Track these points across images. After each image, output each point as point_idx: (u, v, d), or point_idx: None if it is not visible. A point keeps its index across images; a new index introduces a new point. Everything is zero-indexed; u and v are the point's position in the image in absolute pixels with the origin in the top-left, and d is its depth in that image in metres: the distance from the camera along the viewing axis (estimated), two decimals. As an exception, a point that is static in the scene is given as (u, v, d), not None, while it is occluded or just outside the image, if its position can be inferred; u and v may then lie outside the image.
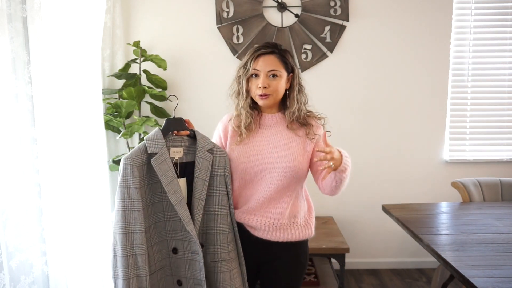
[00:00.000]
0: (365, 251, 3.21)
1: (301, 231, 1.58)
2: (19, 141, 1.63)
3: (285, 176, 1.52)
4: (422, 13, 3.00)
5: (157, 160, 1.39)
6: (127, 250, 1.35)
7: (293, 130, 1.57)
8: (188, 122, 1.57)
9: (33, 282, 1.69)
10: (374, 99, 3.08)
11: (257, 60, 1.54)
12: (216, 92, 2.93)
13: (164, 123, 1.47)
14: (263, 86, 1.52)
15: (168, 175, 1.40)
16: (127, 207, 1.36)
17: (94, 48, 2.14)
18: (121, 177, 1.37)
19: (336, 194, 1.58)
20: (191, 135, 1.52)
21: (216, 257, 1.49)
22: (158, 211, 1.47)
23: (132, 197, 1.36)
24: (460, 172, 3.09)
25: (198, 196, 1.45)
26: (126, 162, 1.37)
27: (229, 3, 2.96)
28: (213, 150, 1.51)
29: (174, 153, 1.47)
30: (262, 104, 1.57)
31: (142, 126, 2.66)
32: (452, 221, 2.15)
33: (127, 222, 1.35)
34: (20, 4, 1.60)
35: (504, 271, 1.51)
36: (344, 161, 1.44)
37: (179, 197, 1.40)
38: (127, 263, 1.35)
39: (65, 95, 1.87)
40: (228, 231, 1.50)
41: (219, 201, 1.50)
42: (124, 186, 1.36)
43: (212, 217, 1.50)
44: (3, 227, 1.53)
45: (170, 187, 1.39)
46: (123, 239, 1.35)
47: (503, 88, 3.09)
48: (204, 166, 1.47)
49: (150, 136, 1.43)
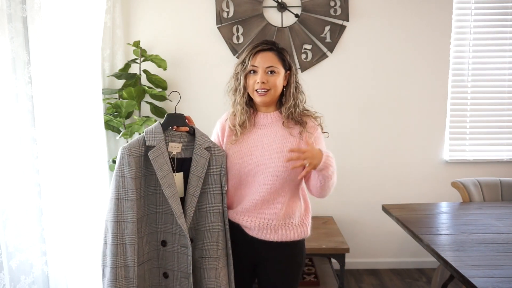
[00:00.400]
0: (365, 251, 3.21)
1: (296, 231, 1.58)
2: (19, 141, 1.63)
3: (278, 177, 1.52)
4: (422, 13, 3.00)
5: (155, 153, 1.41)
6: (117, 238, 1.37)
7: (288, 129, 1.57)
8: (189, 118, 1.58)
9: (33, 282, 1.69)
10: (374, 99, 3.08)
11: (255, 57, 1.55)
12: (216, 92, 2.91)
13: (165, 117, 1.49)
14: (262, 81, 1.52)
15: (164, 168, 1.41)
16: (120, 196, 1.37)
17: (94, 48, 2.14)
18: (118, 166, 1.39)
19: (323, 196, 1.55)
20: (190, 132, 1.53)
21: (204, 253, 1.50)
22: (151, 203, 1.48)
23: (127, 186, 1.37)
24: (460, 172, 3.08)
25: (192, 192, 1.47)
26: (124, 152, 1.39)
27: (229, 3, 2.96)
28: (211, 148, 1.52)
29: (172, 148, 1.48)
30: (260, 102, 1.57)
31: (142, 126, 2.66)
32: (452, 221, 2.15)
33: (119, 210, 1.37)
34: (20, 4, 1.60)
35: (504, 271, 1.51)
36: (325, 159, 1.43)
37: (173, 191, 1.42)
38: (116, 252, 1.36)
39: (65, 95, 1.87)
40: (218, 230, 1.51)
41: (212, 199, 1.51)
42: (119, 175, 1.38)
43: (204, 214, 1.51)
44: (3, 227, 1.53)
45: (165, 180, 1.41)
46: (114, 227, 1.37)
47: (503, 88, 3.09)
48: (200, 163, 1.48)
49: (149, 129, 1.45)
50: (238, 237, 1.58)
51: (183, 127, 1.52)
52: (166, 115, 1.49)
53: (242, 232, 1.58)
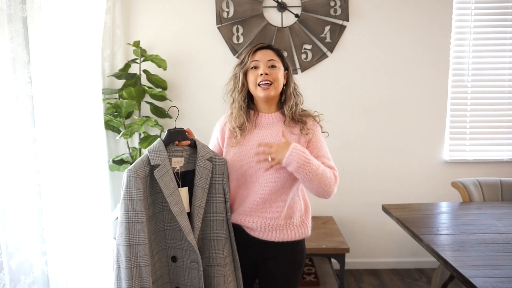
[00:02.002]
0: (365, 251, 3.21)
1: (297, 231, 1.58)
2: (19, 141, 1.63)
3: (279, 177, 1.52)
4: (422, 13, 3.00)
5: (160, 172, 1.40)
6: (131, 262, 1.36)
7: (289, 127, 1.58)
8: (188, 131, 1.58)
9: (33, 282, 1.69)
10: (374, 99, 3.08)
11: (255, 54, 1.57)
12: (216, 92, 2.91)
13: (166, 134, 1.49)
14: (265, 72, 1.53)
15: (170, 186, 1.41)
16: (131, 219, 1.36)
17: (94, 48, 2.14)
18: (125, 189, 1.37)
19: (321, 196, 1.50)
20: (191, 145, 1.54)
21: (211, 261, 1.51)
22: (159, 221, 1.49)
23: (136, 209, 1.37)
24: (460, 172, 3.09)
25: (198, 204, 1.48)
26: (130, 175, 1.37)
27: (229, 3, 2.96)
28: (212, 158, 1.53)
29: (176, 163, 1.49)
30: (264, 96, 1.55)
31: (142, 126, 2.66)
32: (452, 221, 2.15)
33: (131, 234, 1.36)
34: (20, 4, 1.60)
35: (504, 271, 1.51)
36: (289, 154, 1.40)
37: (180, 208, 1.42)
38: (131, 275, 1.36)
39: (65, 95, 1.87)
40: (223, 237, 1.53)
41: (216, 208, 1.53)
42: (128, 198, 1.37)
43: (209, 223, 1.53)
44: (3, 227, 1.53)
45: (172, 198, 1.41)
46: (127, 251, 1.36)
47: (503, 88, 3.09)
48: (204, 174, 1.49)
49: (152, 148, 1.44)
50: (240, 238, 1.58)
51: (184, 141, 1.52)
52: (167, 132, 1.50)
53: (243, 232, 1.59)
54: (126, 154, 2.89)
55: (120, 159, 2.84)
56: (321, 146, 1.58)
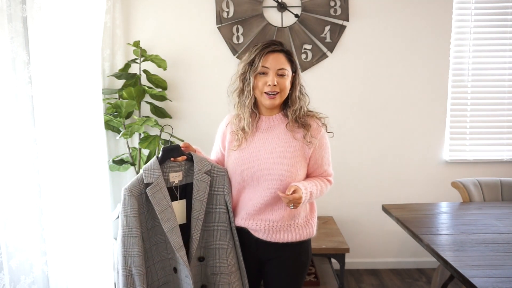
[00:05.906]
0: (365, 251, 3.21)
1: (301, 232, 1.58)
2: (19, 141, 1.63)
3: (282, 182, 1.51)
4: (422, 13, 3.00)
5: (152, 190, 1.47)
6: (126, 271, 1.48)
7: (291, 132, 1.55)
8: (187, 145, 1.59)
9: (33, 282, 1.69)
10: (374, 99, 3.08)
11: (266, 57, 1.51)
12: (216, 92, 2.93)
13: (161, 152, 1.52)
14: (273, 83, 1.50)
15: (162, 203, 1.48)
16: (125, 234, 1.47)
17: (94, 48, 2.13)
18: (122, 207, 1.48)
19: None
20: (189, 158, 1.56)
21: (215, 270, 1.56)
22: (159, 233, 1.54)
23: (130, 224, 1.46)
24: (460, 172, 3.09)
25: (196, 216, 1.53)
26: (125, 193, 1.47)
27: (229, 3, 2.96)
28: (211, 171, 1.56)
29: (174, 178, 1.55)
30: (269, 104, 1.54)
31: (142, 126, 2.66)
32: (452, 221, 2.15)
33: (125, 247, 1.47)
34: (20, 4, 1.60)
35: (504, 271, 1.51)
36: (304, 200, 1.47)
37: (172, 225, 1.48)
38: (126, 282, 1.48)
39: (65, 95, 1.87)
40: (227, 247, 1.56)
41: (218, 219, 1.57)
42: (124, 214, 1.48)
43: (212, 233, 1.57)
44: (3, 227, 1.53)
45: (163, 215, 1.47)
46: (123, 261, 1.48)
47: (503, 88, 3.09)
48: (201, 188, 1.53)
49: (147, 167, 1.50)
50: (244, 238, 1.59)
51: (180, 157, 1.53)
52: (161, 150, 1.52)
53: (247, 233, 1.59)
54: (126, 154, 2.89)
55: (120, 159, 2.84)
56: (324, 153, 1.58)
